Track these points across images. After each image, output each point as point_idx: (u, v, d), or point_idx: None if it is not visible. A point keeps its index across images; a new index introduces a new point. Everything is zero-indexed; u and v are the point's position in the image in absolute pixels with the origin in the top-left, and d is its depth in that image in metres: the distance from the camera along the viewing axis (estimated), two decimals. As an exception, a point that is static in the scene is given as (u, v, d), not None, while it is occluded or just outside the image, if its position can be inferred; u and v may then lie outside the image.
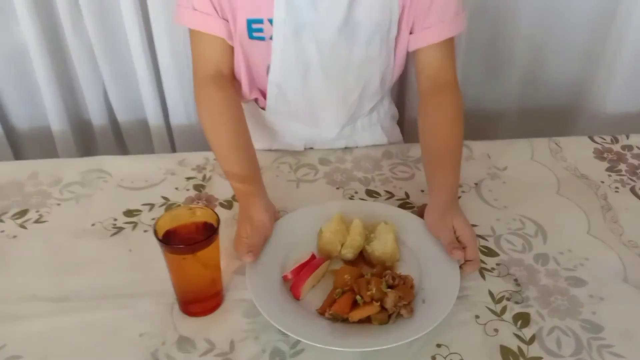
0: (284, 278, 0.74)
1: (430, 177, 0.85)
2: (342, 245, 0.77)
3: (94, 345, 0.68)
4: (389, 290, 0.67)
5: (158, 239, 0.66)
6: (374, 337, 0.65)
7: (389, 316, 0.67)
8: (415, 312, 0.68)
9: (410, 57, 0.95)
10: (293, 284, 0.72)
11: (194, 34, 0.90)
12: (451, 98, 0.91)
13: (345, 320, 0.67)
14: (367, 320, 0.67)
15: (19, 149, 1.46)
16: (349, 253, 0.76)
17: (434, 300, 0.69)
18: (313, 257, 0.75)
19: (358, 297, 0.67)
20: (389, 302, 0.66)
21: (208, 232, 0.68)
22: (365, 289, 0.67)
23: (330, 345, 0.64)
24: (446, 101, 0.90)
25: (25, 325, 0.70)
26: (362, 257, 0.78)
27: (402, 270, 0.75)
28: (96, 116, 1.39)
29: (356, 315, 0.66)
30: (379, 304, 0.66)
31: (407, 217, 0.83)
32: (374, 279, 0.69)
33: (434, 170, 0.85)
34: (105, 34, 1.27)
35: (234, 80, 0.94)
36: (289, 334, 0.65)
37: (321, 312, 0.69)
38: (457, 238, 0.76)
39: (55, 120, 1.35)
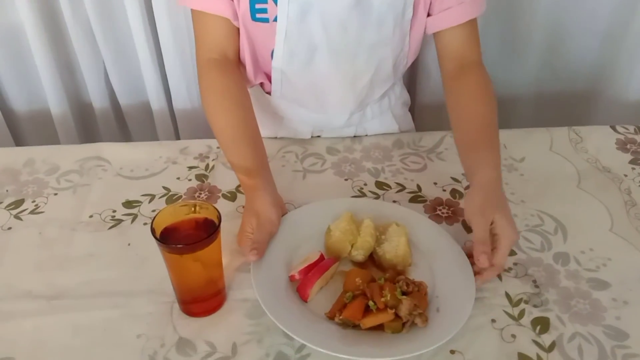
0: (291, 278, 0.70)
1: (467, 161, 0.79)
2: (352, 246, 0.73)
3: (89, 347, 0.65)
4: (404, 297, 0.63)
5: (155, 237, 0.62)
6: (387, 346, 0.61)
7: (403, 324, 0.63)
8: (429, 320, 0.64)
9: (428, 39, 0.90)
10: (300, 285, 0.68)
11: (196, 15, 0.85)
12: (478, 77, 0.86)
13: (356, 327, 0.63)
14: (379, 327, 0.63)
15: (19, 133, 1.42)
16: (359, 255, 0.72)
17: (448, 309, 0.65)
18: (322, 257, 0.71)
19: (371, 303, 0.63)
20: (404, 310, 0.62)
21: (209, 229, 0.64)
22: (379, 294, 0.63)
23: (342, 354, 0.60)
24: (473, 81, 0.85)
25: (17, 324, 0.67)
26: (371, 260, 0.73)
27: (414, 275, 0.71)
28: (97, 99, 1.34)
29: (369, 322, 0.62)
30: (393, 311, 0.62)
31: (420, 220, 0.79)
32: (388, 285, 0.64)
33: (471, 153, 0.79)
34: (104, 13, 1.21)
35: (239, 64, 0.90)
36: (299, 339, 0.61)
37: (330, 317, 0.65)
38: (493, 235, 0.69)
39: (55, 103, 1.31)
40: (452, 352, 0.63)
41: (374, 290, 0.64)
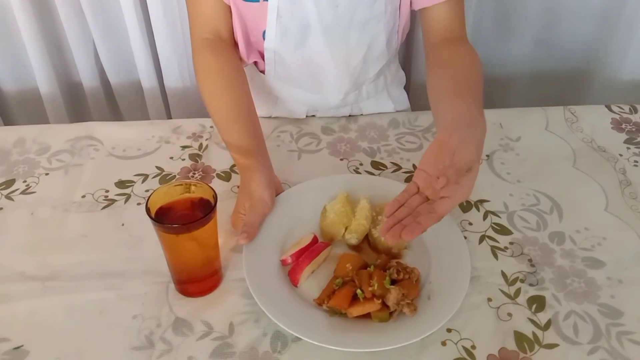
0: (283, 262, 0.70)
1: (440, 110, 0.71)
2: (346, 229, 0.72)
3: (85, 328, 0.65)
4: (392, 287, 0.62)
5: (150, 217, 0.61)
6: (373, 335, 0.61)
7: (391, 314, 0.62)
8: (419, 309, 0.63)
9: (415, 15, 0.89)
10: (292, 269, 0.68)
11: None
12: (465, 48, 0.83)
13: (343, 314, 0.63)
14: (367, 315, 0.63)
15: (7, 113, 1.39)
16: (353, 238, 0.71)
17: (439, 298, 0.65)
18: (315, 240, 0.71)
19: (359, 291, 0.63)
20: (392, 300, 0.62)
21: (205, 209, 0.63)
22: (367, 283, 0.63)
23: (325, 343, 0.60)
24: (459, 50, 0.83)
25: (11, 306, 0.67)
26: (367, 241, 0.73)
27: (408, 259, 0.70)
28: (87, 78, 1.32)
29: (355, 311, 0.62)
30: (380, 301, 0.62)
31: None
32: (377, 273, 0.64)
33: (447, 101, 0.71)
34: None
35: (234, 43, 0.88)
36: (284, 327, 0.61)
37: (319, 303, 0.65)
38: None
39: (44, 82, 1.28)
40: (449, 330, 0.63)
41: (362, 278, 0.64)
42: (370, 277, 0.64)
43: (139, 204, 0.80)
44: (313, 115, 0.99)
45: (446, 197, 0.59)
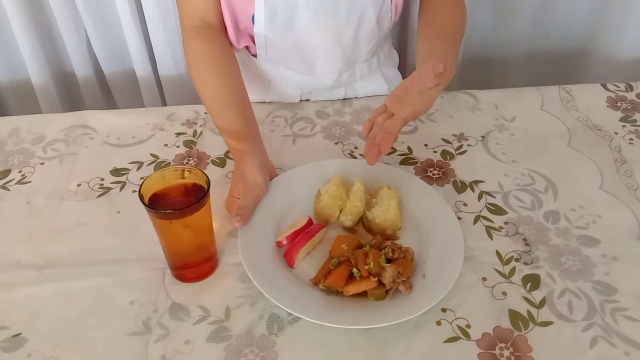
0: (279, 244, 0.70)
1: (423, 48, 0.82)
2: (340, 211, 0.72)
3: (83, 314, 0.65)
4: (388, 265, 0.63)
5: (144, 202, 0.61)
6: (369, 313, 0.61)
7: (387, 291, 0.63)
8: (414, 287, 0.64)
9: None
10: (287, 250, 0.68)
11: None
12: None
13: (340, 293, 0.64)
14: (363, 294, 0.63)
15: (0, 104, 1.38)
16: (347, 220, 0.71)
17: (434, 275, 0.65)
18: (310, 222, 0.71)
19: (355, 270, 0.63)
20: (387, 278, 0.62)
21: (198, 194, 0.63)
22: (362, 262, 0.63)
23: (323, 321, 0.60)
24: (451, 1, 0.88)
25: (9, 294, 0.67)
26: (361, 223, 0.73)
27: (403, 239, 0.71)
28: (79, 67, 1.31)
29: (352, 289, 0.63)
30: (376, 279, 0.62)
31: (413, 181, 0.78)
32: (373, 252, 0.64)
33: (429, 43, 0.81)
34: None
35: (224, 29, 0.87)
36: (282, 306, 0.62)
37: (315, 283, 0.65)
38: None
39: (36, 73, 1.27)
40: (444, 310, 0.64)
41: (358, 257, 0.64)
42: (366, 256, 0.64)
43: (134, 191, 0.81)
44: (307, 99, 0.98)
45: (408, 104, 0.72)
